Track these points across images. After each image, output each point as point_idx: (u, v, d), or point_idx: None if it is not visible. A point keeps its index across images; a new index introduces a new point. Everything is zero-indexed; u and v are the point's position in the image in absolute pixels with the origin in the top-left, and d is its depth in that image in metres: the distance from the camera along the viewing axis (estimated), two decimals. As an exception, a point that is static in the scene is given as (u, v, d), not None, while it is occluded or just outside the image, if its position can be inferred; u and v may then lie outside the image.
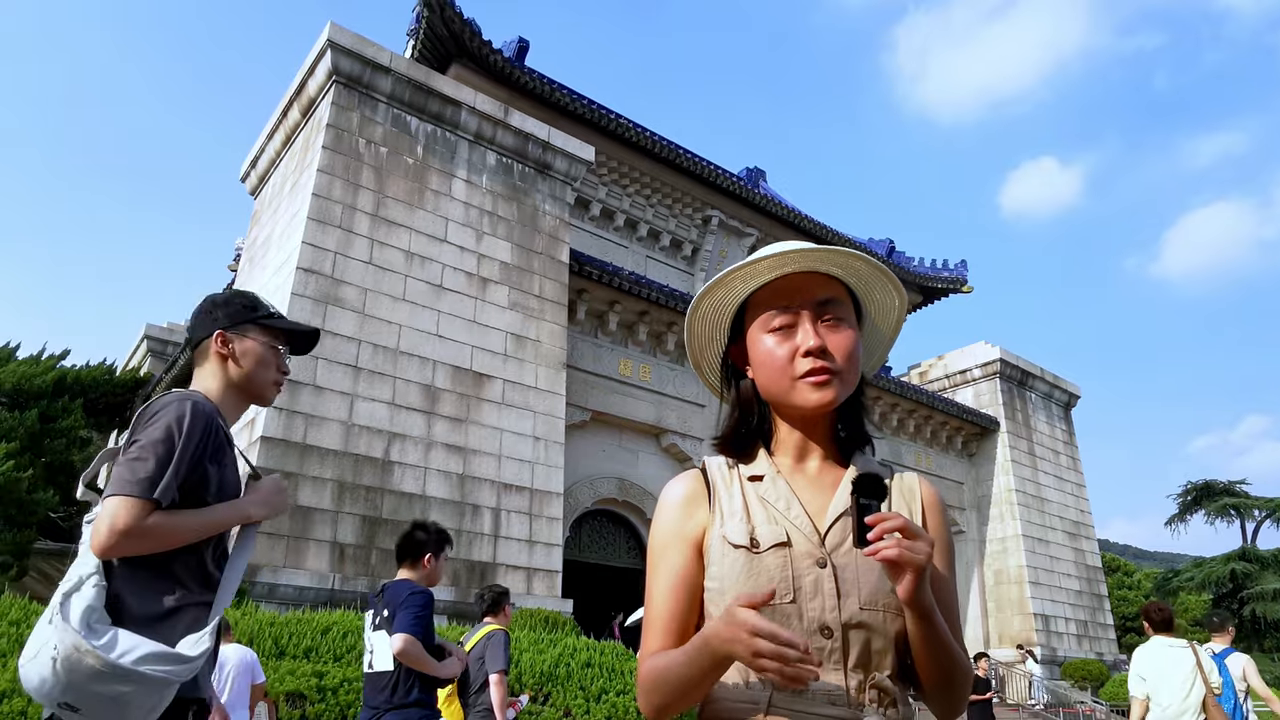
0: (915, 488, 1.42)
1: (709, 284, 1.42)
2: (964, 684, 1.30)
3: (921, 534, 1.17)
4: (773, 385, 1.38)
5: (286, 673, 7.94)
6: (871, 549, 1.15)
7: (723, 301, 1.45)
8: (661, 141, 21.79)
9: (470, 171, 15.52)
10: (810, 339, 1.34)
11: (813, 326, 1.36)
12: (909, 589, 1.16)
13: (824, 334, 1.36)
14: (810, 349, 1.34)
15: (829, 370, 1.33)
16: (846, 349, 1.35)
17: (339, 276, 13.25)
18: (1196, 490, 36.91)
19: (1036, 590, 23.65)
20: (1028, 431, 26.43)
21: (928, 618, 1.21)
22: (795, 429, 1.42)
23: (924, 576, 1.16)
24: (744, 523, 1.34)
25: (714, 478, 1.43)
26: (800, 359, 1.34)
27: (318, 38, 14.44)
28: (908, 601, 1.18)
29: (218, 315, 2.24)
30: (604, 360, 17.68)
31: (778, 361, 1.36)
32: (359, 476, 12.45)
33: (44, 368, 20.76)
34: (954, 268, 29.23)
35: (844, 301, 1.40)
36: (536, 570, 13.83)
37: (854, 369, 1.37)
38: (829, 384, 1.33)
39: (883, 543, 1.14)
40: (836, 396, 1.34)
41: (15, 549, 17.26)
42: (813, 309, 1.37)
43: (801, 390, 1.35)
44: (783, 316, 1.37)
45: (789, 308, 1.37)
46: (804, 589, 1.27)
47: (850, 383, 1.37)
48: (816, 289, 1.39)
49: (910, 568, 1.15)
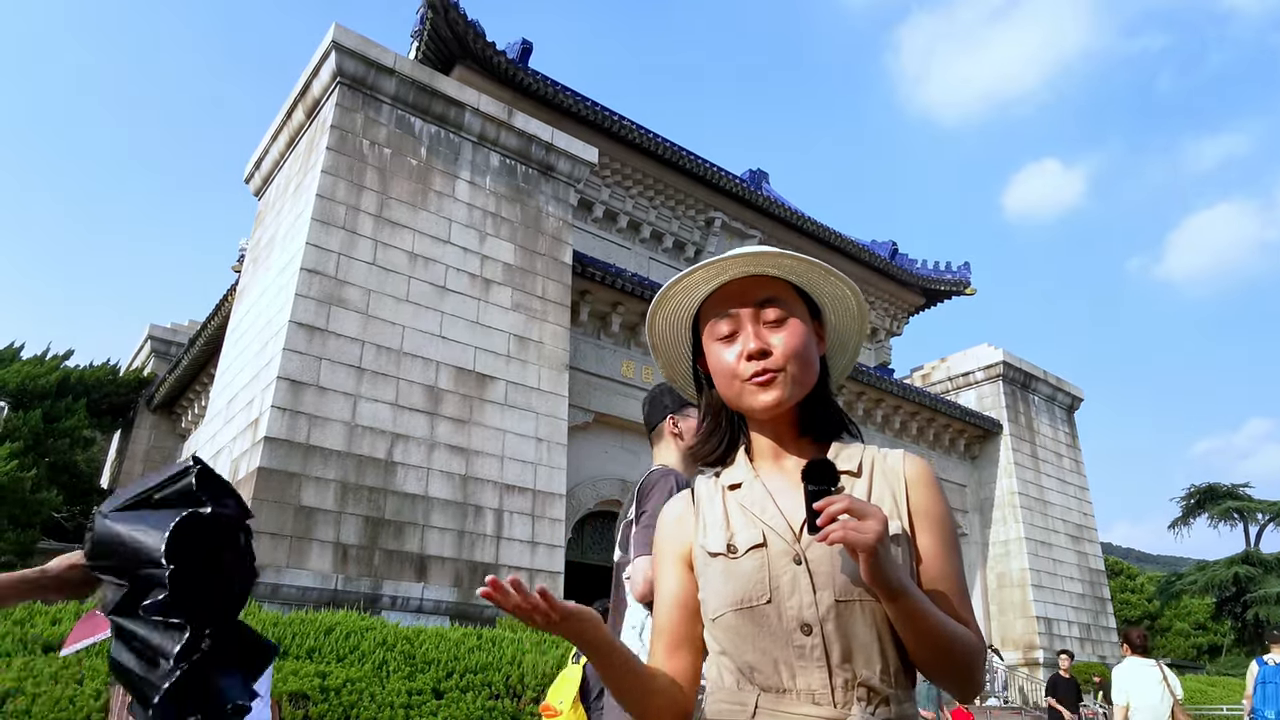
0: (898, 467, 1.38)
1: (655, 300, 1.43)
2: (970, 660, 1.26)
3: (870, 512, 1.14)
4: (727, 392, 1.39)
5: (290, 673, 7.95)
6: (821, 534, 1.14)
7: (674, 315, 1.46)
8: (664, 143, 21.82)
9: (474, 173, 15.54)
10: (750, 341, 1.34)
11: (754, 328, 1.36)
12: (866, 569, 1.14)
13: (766, 334, 1.35)
14: (751, 352, 1.34)
15: (770, 370, 1.33)
16: (791, 346, 1.34)
17: (342, 277, 13.28)
18: (1200, 493, 36.87)
19: (1039, 593, 23.62)
20: (1030, 434, 26.40)
21: (898, 597, 1.17)
22: (764, 431, 1.43)
23: (879, 555, 1.13)
24: (723, 531, 1.35)
25: (699, 493, 1.45)
26: (743, 363, 1.35)
27: (322, 39, 14.49)
28: (870, 581, 1.15)
29: (667, 403, 2.97)
30: (607, 362, 17.70)
31: (727, 367, 1.36)
32: (362, 477, 12.47)
33: (48, 368, 20.83)
34: (957, 270, 29.22)
35: (788, 299, 1.39)
36: (539, 571, 13.84)
37: (803, 364, 1.35)
38: (773, 384, 1.33)
39: (831, 525, 1.13)
40: (783, 396, 1.34)
41: (19, 549, 17.30)
42: (753, 310, 1.37)
43: (749, 394, 1.35)
44: (726, 322, 1.38)
45: (730, 313, 1.38)
46: (781, 588, 1.26)
47: (802, 379, 1.36)
48: (756, 291, 1.38)
49: (859, 548, 1.12)
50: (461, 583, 12.91)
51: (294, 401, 12.19)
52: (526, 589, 1.16)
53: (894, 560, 1.17)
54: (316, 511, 11.90)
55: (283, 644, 8.73)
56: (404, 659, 8.98)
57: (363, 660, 8.83)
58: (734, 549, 1.31)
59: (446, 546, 12.95)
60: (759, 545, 1.30)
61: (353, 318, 13.19)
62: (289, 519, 11.63)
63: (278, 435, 11.92)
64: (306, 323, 12.66)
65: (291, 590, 11.28)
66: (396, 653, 9.04)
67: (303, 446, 12.09)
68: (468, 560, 13.10)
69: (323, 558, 11.77)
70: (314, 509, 11.89)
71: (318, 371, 12.55)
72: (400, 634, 9.46)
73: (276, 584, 11.18)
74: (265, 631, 8.84)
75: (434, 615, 12.28)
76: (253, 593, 10.70)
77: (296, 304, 12.63)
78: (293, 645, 8.74)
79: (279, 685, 7.70)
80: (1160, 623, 39.20)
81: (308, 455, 12.08)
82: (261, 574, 11.11)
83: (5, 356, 20.83)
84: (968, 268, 29.29)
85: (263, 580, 11.04)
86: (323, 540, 11.85)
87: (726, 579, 1.30)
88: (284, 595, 11.20)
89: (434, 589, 12.51)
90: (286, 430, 12.01)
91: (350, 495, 12.28)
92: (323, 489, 12.06)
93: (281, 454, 11.88)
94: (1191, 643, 38.78)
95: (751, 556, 1.29)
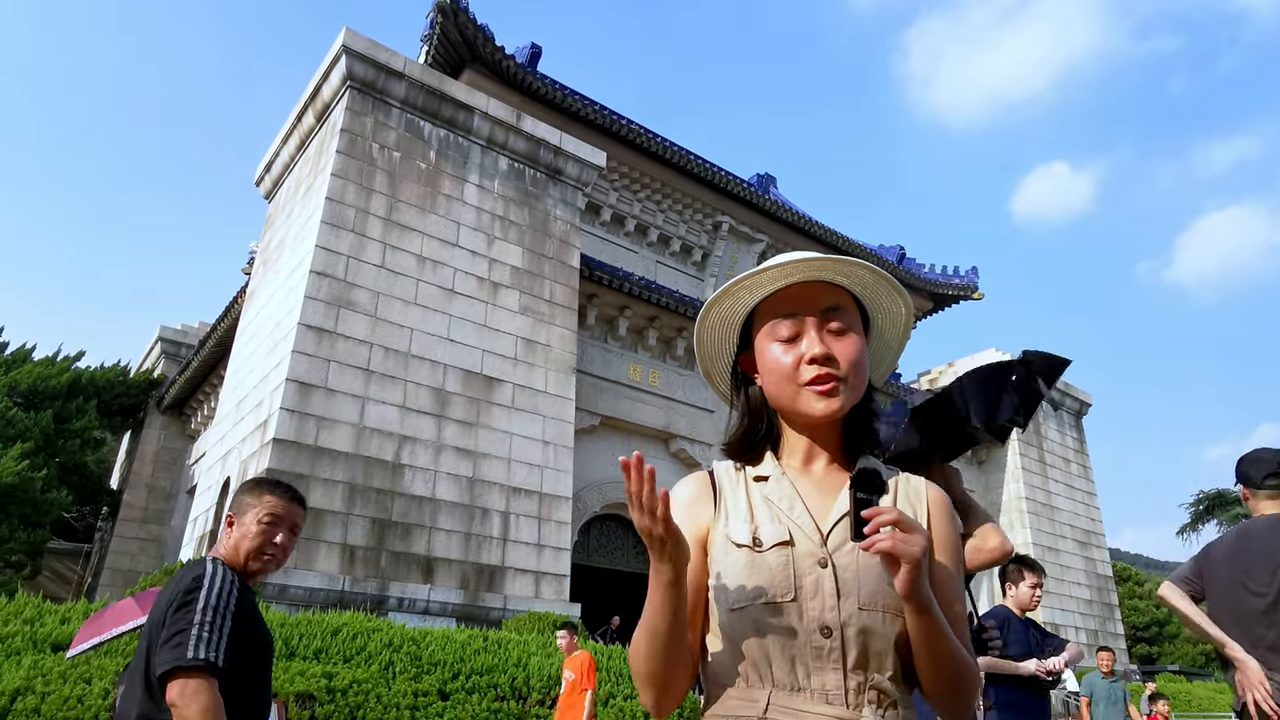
0: (921, 490, 1.43)
1: (715, 294, 1.43)
2: (968, 685, 1.29)
3: (917, 528, 1.18)
4: (780, 393, 1.39)
5: (296, 673, 7.99)
6: (867, 542, 1.17)
7: (730, 311, 1.47)
8: (672, 147, 21.84)
9: (482, 176, 15.60)
10: (815, 346, 1.35)
11: (818, 334, 1.37)
12: (905, 582, 1.17)
13: (829, 342, 1.36)
14: (815, 356, 1.34)
15: (834, 378, 1.34)
16: (852, 356, 1.36)
17: (351, 280, 13.34)
18: (1209, 499, 36.61)
19: (1046, 599, 23.53)
20: (1038, 439, 26.32)
21: (925, 611, 1.21)
22: (803, 435, 1.43)
23: (919, 570, 1.17)
24: (748, 522, 1.36)
25: (720, 479, 1.46)
26: (805, 366, 1.35)
27: (333, 43, 14.58)
28: (905, 594, 1.19)
29: None
30: (613, 365, 17.72)
31: (784, 369, 1.37)
32: (369, 479, 12.52)
33: (59, 369, 20.95)
34: (965, 274, 29.15)
35: (849, 309, 1.41)
36: (545, 574, 13.87)
37: (860, 376, 1.37)
38: (835, 392, 1.34)
39: (877, 535, 1.16)
40: (843, 405, 1.35)
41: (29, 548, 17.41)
42: (818, 317, 1.38)
43: (807, 398, 1.36)
44: (788, 325, 1.38)
45: (794, 316, 1.38)
46: (805, 588, 1.28)
47: (857, 389, 1.37)
48: (821, 297, 1.39)
49: (905, 560, 1.16)
50: (468, 585, 12.94)
51: (303, 403, 12.25)
52: (654, 486, 1.20)
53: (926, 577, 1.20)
54: (324, 513, 11.96)
55: (290, 645, 8.77)
56: (410, 660, 9.01)
57: (369, 661, 8.86)
58: (759, 542, 1.33)
59: (453, 548, 12.99)
60: (785, 543, 1.31)
61: (361, 320, 13.25)
62: (297, 520, 11.68)
63: (286, 437, 11.98)
64: (315, 325, 12.73)
65: (299, 591, 11.33)
66: (403, 654, 9.07)
67: (311, 448, 12.14)
68: (474, 562, 13.13)
69: (330, 559, 11.82)
70: (322, 510, 11.94)
71: (326, 374, 12.61)
72: (407, 635, 9.49)
73: (284, 585, 11.23)
74: (273, 632, 8.88)
75: (440, 617, 12.31)
76: (260, 593, 10.75)
77: (306, 306, 12.70)
78: (300, 646, 8.78)
79: (285, 686, 7.74)
80: (1169, 630, 38.96)
81: (316, 457, 12.14)
82: (270, 574, 11.17)
83: (17, 357, 20.97)
84: (975, 272, 29.22)
85: (270, 581, 11.10)
86: (330, 542, 11.90)
87: (751, 572, 1.31)
88: (291, 596, 11.25)
89: (440, 591, 12.55)
90: (295, 432, 12.08)
91: (358, 497, 12.33)
92: (330, 490, 12.11)
93: (290, 455, 11.94)
94: (1200, 650, 38.54)
95: (777, 553, 1.31)
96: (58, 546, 22.50)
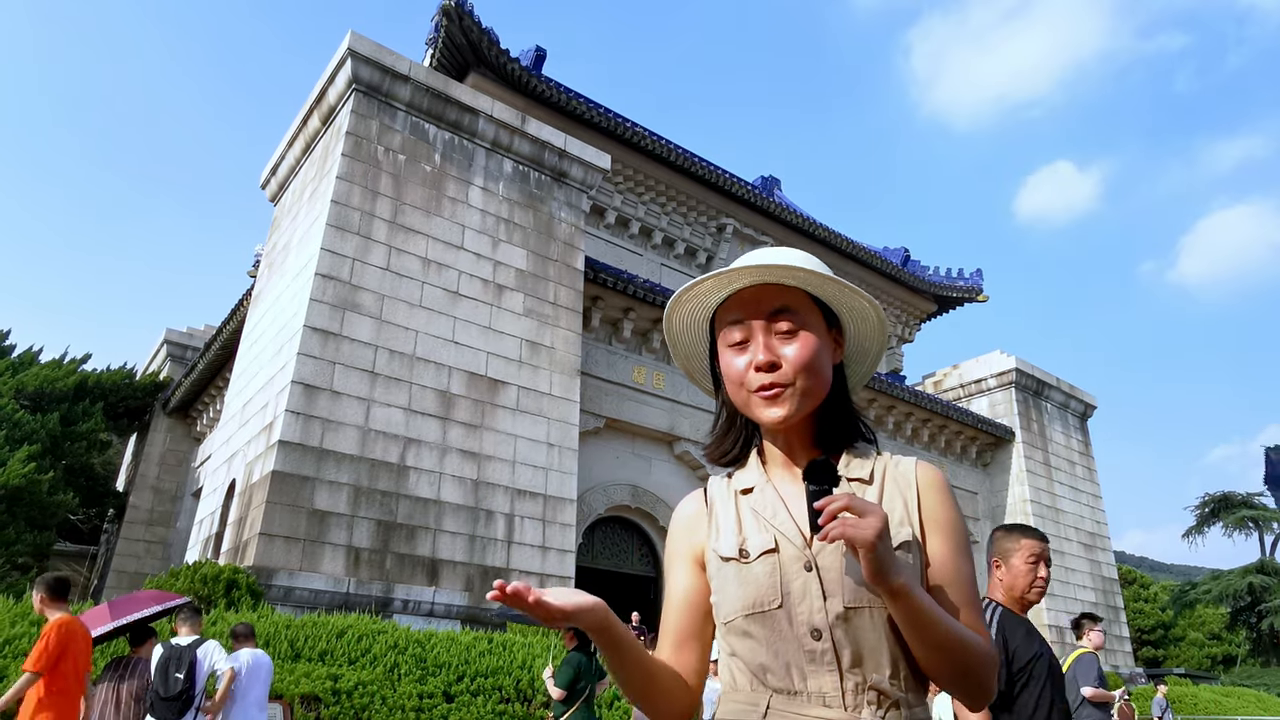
0: (910, 474, 1.37)
1: (670, 302, 1.42)
2: (978, 668, 1.24)
3: (870, 510, 1.14)
4: (735, 398, 1.38)
5: (302, 675, 8.01)
6: (822, 533, 1.15)
7: (692, 317, 1.46)
8: (677, 150, 21.86)
9: (487, 179, 15.63)
10: (759, 353, 1.32)
11: (765, 338, 1.34)
12: (867, 568, 1.14)
13: (776, 345, 1.33)
14: (759, 364, 1.32)
15: (778, 384, 1.31)
16: (801, 359, 1.32)
17: (357, 282, 13.37)
18: (1215, 502, 36.54)
19: (1051, 602, 23.47)
20: (1043, 441, 26.27)
21: (900, 597, 1.16)
22: (776, 440, 1.42)
23: (879, 552, 1.13)
24: (735, 535, 1.36)
25: (712, 496, 1.46)
26: (751, 374, 1.33)
27: (338, 47, 14.63)
28: (871, 579, 1.15)
29: None
30: (618, 367, 17.73)
31: (736, 375, 1.35)
32: (375, 481, 12.54)
33: (65, 371, 21.03)
34: (969, 277, 29.13)
35: (803, 308, 1.36)
36: (549, 576, 13.87)
37: (814, 376, 1.33)
38: (779, 399, 1.31)
39: (831, 524, 1.14)
40: (791, 410, 1.32)
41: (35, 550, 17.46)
42: (764, 320, 1.35)
43: (755, 405, 1.34)
44: (739, 330, 1.36)
45: (742, 321, 1.36)
46: (792, 593, 1.27)
47: (812, 391, 1.33)
48: (770, 299, 1.35)
49: (858, 544, 1.12)
50: (472, 587, 12.95)
51: (308, 406, 12.28)
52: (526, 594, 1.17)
53: (897, 560, 1.17)
54: (329, 515, 11.98)
55: (295, 646, 8.79)
56: (415, 662, 9.02)
57: (374, 663, 8.88)
58: (746, 554, 1.32)
59: (458, 551, 13.00)
60: (771, 550, 1.30)
61: (366, 323, 13.28)
62: (302, 522, 11.71)
63: (292, 439, 12.01)
64: (321, 327, 12.76)
65: (304, 593, 11.35)
66: (408, 656, 9.09)
67: (316, 450, 12.17)
68: (479, 564, 13.14)
69: (335, 561, 11.84)
70: (327, 512, 11.96)
71: (331, 376, 12.64)
72: (411, 637, 9.50)
73: (289, 587, 11.26)
74: (278, 634, 8.90)
75: (445, 619, 12.32)
76: (266, 595, 10.78)
77: (311, 309, 12.73)
78: (305, 648, 8.80)
79: (291, 687, 7.76)
80: (1174, 632, 38.84)
81: (321, 459, 12.16)
82: (275, 576, 11.19)
83: (24, 360, 21.05)
84: (980, 275, 29.20)
85: (276, 583, 11.13)
86: (335, 544, 11.92)
87: (739, 584, 1.31)
88: (297, 598, 11.27)
89: (445, 593, 12.56)
90: (300, 434, 12.10)
91: (363, 499, 12.35)
92: (336, 493, 12.14)
93: (295, 458, 11.96)
94: (1206, 653, 38.40)
95: (763, 561, 1.30)
96: (64, 549, 22.56)
